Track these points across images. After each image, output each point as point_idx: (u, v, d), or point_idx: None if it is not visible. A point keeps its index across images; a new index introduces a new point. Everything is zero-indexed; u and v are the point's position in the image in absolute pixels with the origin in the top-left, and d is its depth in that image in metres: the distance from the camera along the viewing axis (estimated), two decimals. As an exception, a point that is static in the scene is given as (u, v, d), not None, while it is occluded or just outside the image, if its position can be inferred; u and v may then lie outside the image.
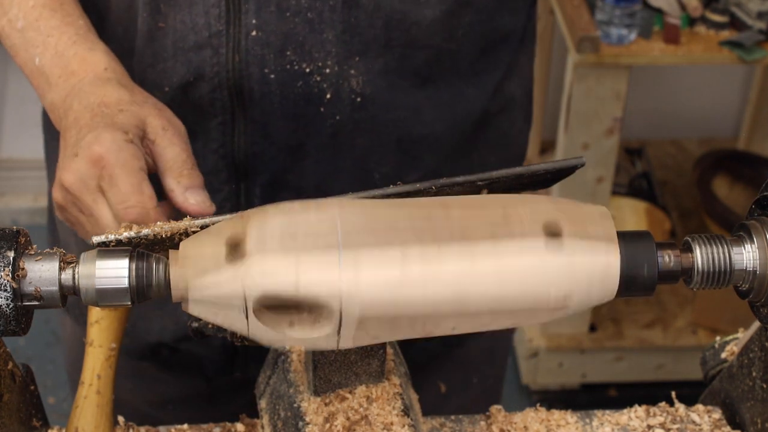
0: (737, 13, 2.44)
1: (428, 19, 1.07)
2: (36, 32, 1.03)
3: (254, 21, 1.04)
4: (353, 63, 1.07)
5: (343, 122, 1.10)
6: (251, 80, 1.07)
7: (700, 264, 0.76)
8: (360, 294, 0.71)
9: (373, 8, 1.05)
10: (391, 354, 0.89)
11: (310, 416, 0.84)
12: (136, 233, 0.82)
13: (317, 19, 1.04)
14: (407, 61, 1.10)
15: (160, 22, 1.07)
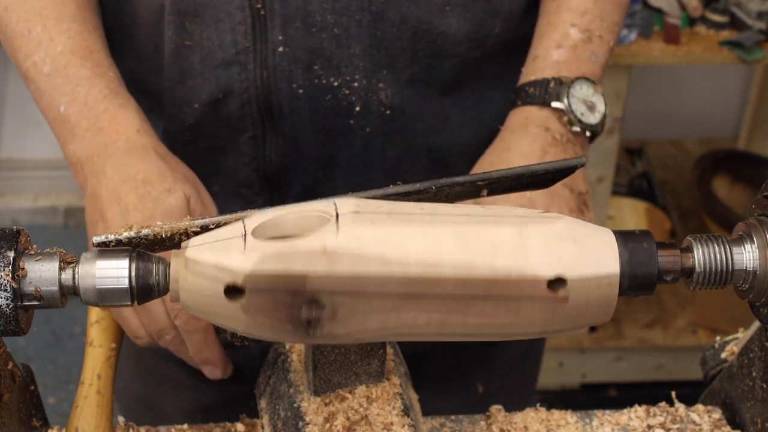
0: (737, 13, 2.44)
1: (454, 29, 1.07)
2: (64, 79, 1.01)
3: (280, 37, 1.04)
4: (381, 76, 1.07)
5: (373, 134, 1.10)
6: (280, 95, 1.07)
7: (700, 264, 0.76)
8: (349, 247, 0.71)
9: (399, 21, 1.04)
10: (391, 354, 0.89)
11: (310, 416, 0.83)
12: (136, 233, 0.81)
13: (344, 34, 1.04)
14: (434, 71, 1.10)
15: (186, 39, 1.07)
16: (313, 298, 0.71)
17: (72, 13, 1.04)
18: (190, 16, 1.05)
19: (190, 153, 1.12)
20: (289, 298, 0.71)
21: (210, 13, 1.04)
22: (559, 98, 1.04)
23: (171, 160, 1.00)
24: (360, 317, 0.73)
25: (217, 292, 0.71)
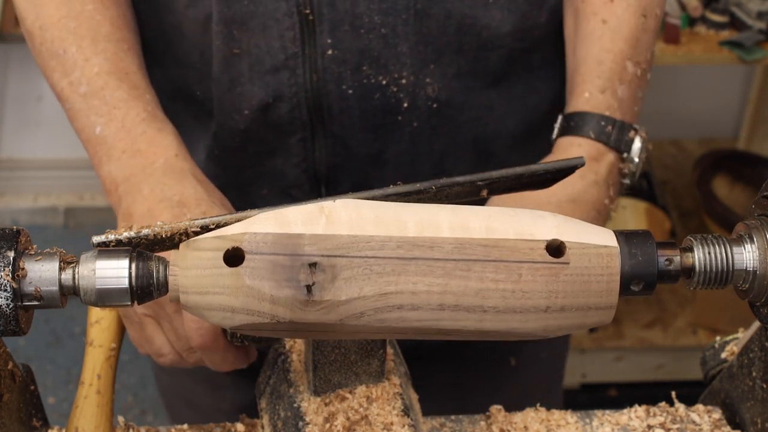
0: (737, 13, 2.44)
1: (498, 21, 1.08)
2: (100, 101, 1.01)
3: (329, 41, 1.05)
4: (428, 71, 1.08)
5: (421, 128, 1.11)
6: (329, 97, 1.08)
7: (700, 264, 0.76)
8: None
9: (444, 16, 1.06)
10: (391, 354, 0.89)
11: (310, 416, 0.83)
12: (136, 233, 0.81)
13: (391, 33, 1.05)
14: (480, 64, 1.11)
15: (234, 48, 1.08)
16: (312, 261, 0.71)
17: (107, 33, 1.04)
18: (237, 25, 1.06)
19: (239, 158, 1.14)
20: (288, 260, 0.71)
21: (257, 20, 1.05)
22: (630, 151, 1.05)
23: (208, 186, 1.00)
24: (359, 281, 0.72)
25: (217, 262, 0.71)
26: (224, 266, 0.71)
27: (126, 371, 2.78)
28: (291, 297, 0.71)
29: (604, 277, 0.73)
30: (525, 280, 0.72)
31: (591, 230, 0.75)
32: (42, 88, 3.17)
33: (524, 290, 0.72)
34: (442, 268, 0.72)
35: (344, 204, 0.72)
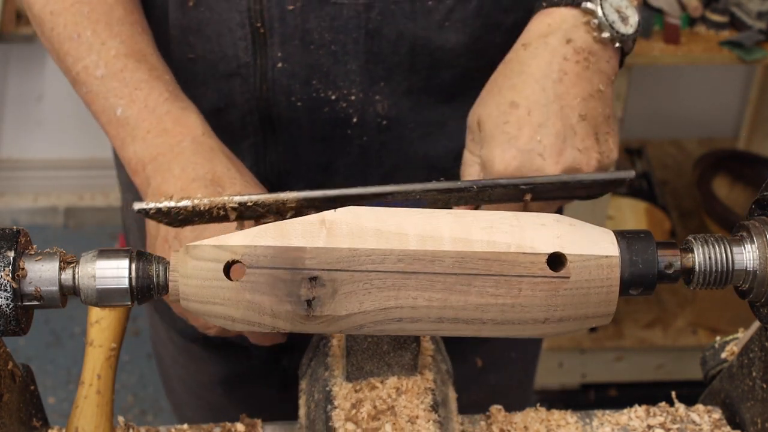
0: (737, 13, 2.44)
1: (452, 42, 1.07)
2: (120, 83, 1.01)
3: (279, 54, 1.05)
4: (378, 89, 1.08)
5: (370, 143, 1.11)
6: (279, 107, 1.08)
7: (700, 264, 0.76)
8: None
9: (395, 37, 1.05)
10: (431, 350, 0.90)
11: (339, 401, 0.85)
12: (176, 203, 0.83)
13: (341, 51, 1.05)
14: (433, 81, 1.10)
15: (189, 53, 1.09)
16: (313, 275, 0.71)
17: (120, 17, 1.04)
18: (192, 31, 1.07)
19: None
20: (288, 274, 0.71)
21: (212, 27, 1.06)
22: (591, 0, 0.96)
23: (238, 164, 1.00)
24: (359, 296, 0.72)
25: (217, 273, 0.71)
26: (224, 279, 0.71)
27: (126, 371, 2.78)
28: (291, 311, 0.72)
29: (604, 288, 0.74)
30: (525, 295, 0.73)
31: (592, 237, 0.74)
32: (42, 88, 3.17)
33: (523, 304, 0.73)
34: (442, 282, 0.72)
35: (345, 215, 0.72)
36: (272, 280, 0.71)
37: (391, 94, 1.09)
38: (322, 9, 1.03)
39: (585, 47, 0.94)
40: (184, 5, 1.06)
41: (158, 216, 0.87)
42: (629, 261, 0.74)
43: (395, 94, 1.09)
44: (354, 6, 1.03)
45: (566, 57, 0.93)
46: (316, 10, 1.03)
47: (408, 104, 1.10)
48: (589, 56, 0.94)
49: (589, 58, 0.94)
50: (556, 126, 0.91)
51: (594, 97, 0.93)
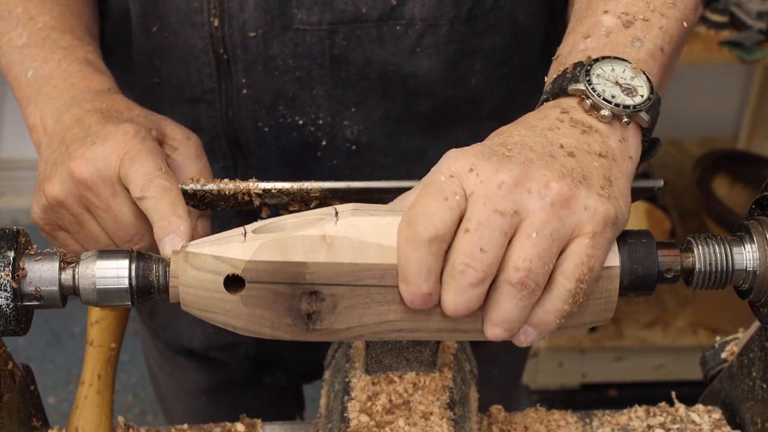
0: (737, 13, 2.44)
1: (425, 69, 1.04)
2: (39, 48, 0.99)
3: (244, 80, 1.04)
4: (348, 114, 1.06)
5: (341, 166, 1.10)
6: (246, 132, 1.07)
7: (700, 264, 0.76)
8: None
9: (363, 63, 1.03)
10: (453, 349, 0.90)
11: (356, 392, 0.86)
12: (201, 186, 0.85)
13: (306, 77, 1.04)
14: (411, 108, 1.08)
15: (155, 77, 1.08)
16: (313, 290, 0.71)
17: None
18: (157, 56, 1.06)
19: None
20: (289, 289, 0.71)
21: (177, 52, 1.05)
22: (578, 80, 0.79)
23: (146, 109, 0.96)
24: (359, 310, 0.72)
25: (217, 286, 0.71)
26: (224, 292, 0.71)
27: (126, 371, 2.78)
28: (291, 324, 0.73)
29: (603, 299, 0.74)
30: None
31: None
32: (42, 88, 3.17)
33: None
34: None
35: (347, 230, 0.71)
36: (272, 295, 0.71)
37: (365, 120, 1.07)
38: (284, 35, 1.01)
39: (584, 121, 0.77)
40: (148, 30, 1.05)
41: (185, 198, 0.86)
42: (629, 269, 0.74)
43: (369, 119, 1.07)
44: (317, 32, 1.01)
45: (561, 119, 0.77)
46: (278, 36, 1.01)
47: (384, 131, 1.08)
48: (590, 129, 0.76)
49: (589, 131, 0.76)
50: (534, 147, 0.73)
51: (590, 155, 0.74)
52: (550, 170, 0.70)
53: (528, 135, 0.74)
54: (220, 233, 0.74)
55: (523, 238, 0.67)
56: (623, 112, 0.77)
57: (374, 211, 0.72)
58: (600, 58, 0.79)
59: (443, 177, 0.70)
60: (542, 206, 0.68)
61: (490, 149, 0.71)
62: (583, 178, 0.71)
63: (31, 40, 0.99)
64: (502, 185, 0.68)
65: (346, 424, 0.83)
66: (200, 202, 0.88)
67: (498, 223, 0.67)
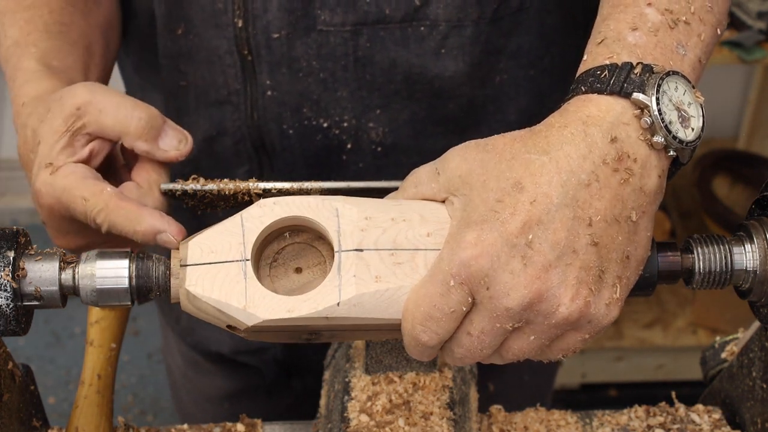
0: (737, 13, 2.44)
1: (451, 71, 1.03)
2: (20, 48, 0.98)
3: (268, 82, 1.04)
4: (373, 116, 1.06)
5: (366, 168, 1.10)
6: (271, 135, 1.07)
7: (700, 264, 0.76)
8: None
9: (388, 65, 1.03)
10: None
11: (356, 392, 0.86)
12: (201, 186, 0.87)
13: (330, 78, 1.04)
14: (437, 111, 1.07)
15: (181, 80, 1.08)
16: (315, 331, 0.73)
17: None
18: (183, 58, 1.06)
19: None
20: (290, 332, 0.73)
21: (202, 54, 1.05)
22: (645, 90, 0.72)
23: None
24: (358, 335, 0.78)
25: (219, 323, 0.73)
26: (226, 328, 0.73)
27: (126, 371, 2.78)
28: (292, 342, 0.76)
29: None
30: None
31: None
32: (42, 88, 3.17)
33: None
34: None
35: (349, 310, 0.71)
36: (274, 335, 0.73)
37: (390, 122, 1.07)
38: (308, 36, 1.01)
39: (632, 153, 0.71)
40: (173, 32, 1.05)
41: (184, 198, 0.89)
42: None
43: (395, 122, 1.07)
44: (340, 33, 1.01)
45: (605, 160, 0.70)
46: (302, 38, 1.01)
47: (410, 132, 1.08)
48: (633, 167, 0.71)
49: (633, 169, 0.71)
50: (557, 235, 0.68)
51: (620, 224, 0.70)
52: (565, 286, 0.68)
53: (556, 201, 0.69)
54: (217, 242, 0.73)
55: (521, 336, 0.72)
56: (674, 145, 0.72)
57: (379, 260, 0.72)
58: (670, 71, 0.74)
59: (453, 282, 0.69)
60: (547, 325, 0.70)
61: (509, 249, 0.68)
62: (599, 279, 0.70)
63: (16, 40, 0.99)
64: (510, 310, 0.69)
65: (346, 424, 0.83)
66: (200, 202, 0.89)
67: (500, 332, 0.71)
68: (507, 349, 0.72)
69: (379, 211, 0.73)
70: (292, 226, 0.75)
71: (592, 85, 0.74)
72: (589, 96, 0.74)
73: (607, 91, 0.73)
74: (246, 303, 0.70)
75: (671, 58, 0.77)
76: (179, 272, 0.73)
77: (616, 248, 0.70)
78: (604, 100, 0.73)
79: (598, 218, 0.69)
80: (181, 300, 0.73)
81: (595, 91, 0.73)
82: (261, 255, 0.75)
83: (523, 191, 0.69)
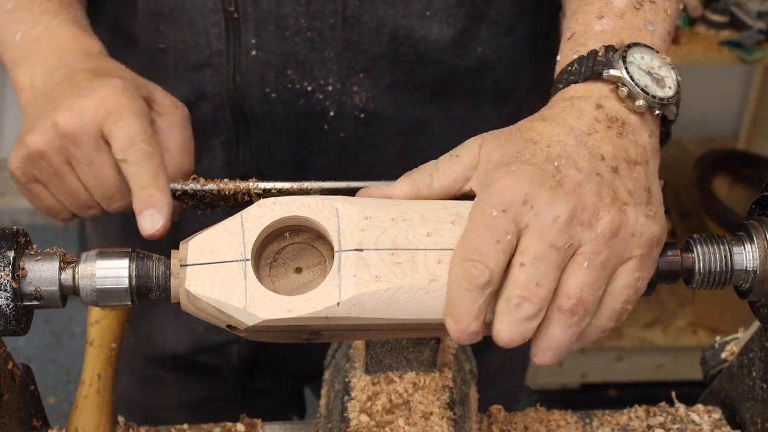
0: (737, 13, 2.44)
1: (435, 34, 1.04)
2: (27, 12, 0.97)
3: (254, 41, 1.03)
4: (357, 80, 1.06)
5: (348, 138, 1.09)
6: (253, 99, 1.06)
7: (700, 264, 0.76)
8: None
9: (376, 25, 1.03)
10: (453, 349, 0.91)
11: (356, 392, 0.86)
12: (201, 186, 0.87)
13: (317, 38, 1.03)
14: (418, 77, 1.07)
15: (160, 43, 1.06)
16: (315, 331, 0.73)
17: None
18: (164, 19, 1.04)
19: None
20: (290, 332, 0.73)
21: (185, 15, 1.03)
22: (613, 66, 0.78)
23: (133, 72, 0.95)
24: (358, 335, 0.79)
25: (219, 323, 0.73)
26: (226, 328, 0.73)
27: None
28: (291, 342, 0.76)
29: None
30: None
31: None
32: (42, 88, 3.17)
33: None
34: (438, 332, 0.77)
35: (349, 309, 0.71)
36: (273, 335, 0.73)
37: (373, 87, 1.06)
38: None
39: (619, 117, 0.76)
40: None
41: (184, 198, 0.88)
42: None
43: (377, 87, 1.07)
44: None
45: (597, 119, 0.76)
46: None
47: (389, 99, 1.08)
48: (625, 126, 0.76)
49: (625, 127, 0.76)
50: (579, 163, 0.72)
51: (629, 165, 0.74)
52: (599, 197, 0.70)
53: (569, 143, 0.73)
54: (217, 242, 0.73)
55: (575, 268, 0.69)
56: (657, 104, 0.78)
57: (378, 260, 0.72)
58: (632, 44, 0.79)
59: (495, 212, 0.69)
60: (594, 238, 0.69)
61: (540, 171, 0.70)
62: (629, 196, 0.72)
63: (19, 3, 0.98)
64: (558, 219, 0.69)
65: (346, 424, 0.83)
66: (200, 202, 0.89)
67: (553, 257, 0.68)
68: (565, 288, 0.68)
69: (379, 211, 0.73)
70: (292, 226, 0.75)
71: (567, 80, 0.80)
72: (566, 89, 0.80)
73: (581, 79, 0.79)
74: (246, 303, 0.70)
75: (639, 36, 0.82)
76: (179, 272, 0.73)
77: (634, 180, 0.73)
78: (582, 86, 0.79)
79: (610, 155, 0.73)
80: (181, 300, 0.73)
81: (571, 83, 0.80)
82: (261, 255, 0.75)
83: (537, 143, 0.74)
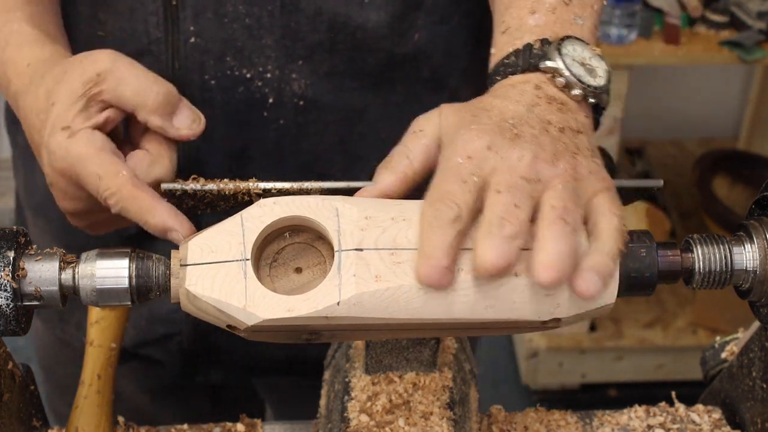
0: (737, 13, 2.44)
1: (373, 22, 1.05)
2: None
3: (192, 28, 1.03)
4: (296, 67, 1.06)
5: (287, 126, 1.09)
6: (192, 87, 1.05)
7: (700, 264, 0.76)
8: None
9: (314, 12, 1.03)
10: (453, 348, 0.90)
11: (356, 393, 0.86)
12: (201, 186, 0.87)
13: (256, 24, 1.03)
14: (356, 65, 1.07)
15: (99, 30, 1.06)
16: (315, 331, 0.73)
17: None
18: (103, 6, 1.04)
19: None
20: (290, 332, 0.73)
21: (123, 3, 1.03)
22: (550, 58, 0.82)
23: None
24: (357, 335, 0.78)
25: (219, 323, 0.73)
26: (226, 328, 0.73)
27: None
28: (291, 342, 0.76)
29: (596, 312, 0.75)
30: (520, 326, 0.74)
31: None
32: (42, 88, 3.16)
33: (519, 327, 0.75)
34: (438, 332, 0.78)
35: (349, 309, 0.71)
36: (274, 334, 0.73)
37: (311, 74, 1.06)
38: None
39: (558, 97, 0.81)
40: None
41: (184, 198, 0.88)
42: (629, 269, 0.74)
43: (315, 74, 1.07)
44: None
45: (539, 96, 0.80)
46: None
47: (328, 87, 1.08)
48: (565, 104, 0.81)
49: (565, 105, 0.81)
50: (530, 123, 0.76)
51: (574, 132, 0.78)
52: (554, 146, 0.74)
53: (518, 111, 0.78)
54: (217, 241, 0.73)
55: (550, 191, 0.71)
56: (591, 93, 0.82)
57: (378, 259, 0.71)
58: (566, 37, 0.84)
59: (460, 159, 0.72)
60: (559, 173, 0.72)
61: (499, 127, 0.74)
62: (577, 149, 0.76)
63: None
64: (523, 158, 0.72)
65: (346, 424, 0.83)
66: (200, 202, 0.89)
67: (526, 188, 0.70)
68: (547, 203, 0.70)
69: (379, 211, 0.73)
70: (292, 225, 0.75)
71: (504, 72, 0.84)
72: (506, 78, 0.84)
73: (519, 71, 0.83)
74: (246, 302, 0.70)
75: (570, 29, 0.87)
76: (179, 272, 0.73)
77: (579, 141, 0.78)
78: (520, 76, 0.83)
79: (555, 121, 0.78)
80: (181, 300, 0.73)
81: (509, 74, 0.84)
82: (261, 255, 0.75)
83: (490, 111, 0.78)
